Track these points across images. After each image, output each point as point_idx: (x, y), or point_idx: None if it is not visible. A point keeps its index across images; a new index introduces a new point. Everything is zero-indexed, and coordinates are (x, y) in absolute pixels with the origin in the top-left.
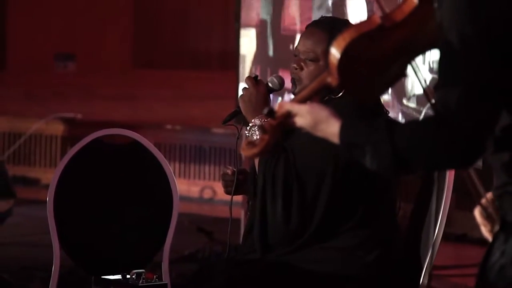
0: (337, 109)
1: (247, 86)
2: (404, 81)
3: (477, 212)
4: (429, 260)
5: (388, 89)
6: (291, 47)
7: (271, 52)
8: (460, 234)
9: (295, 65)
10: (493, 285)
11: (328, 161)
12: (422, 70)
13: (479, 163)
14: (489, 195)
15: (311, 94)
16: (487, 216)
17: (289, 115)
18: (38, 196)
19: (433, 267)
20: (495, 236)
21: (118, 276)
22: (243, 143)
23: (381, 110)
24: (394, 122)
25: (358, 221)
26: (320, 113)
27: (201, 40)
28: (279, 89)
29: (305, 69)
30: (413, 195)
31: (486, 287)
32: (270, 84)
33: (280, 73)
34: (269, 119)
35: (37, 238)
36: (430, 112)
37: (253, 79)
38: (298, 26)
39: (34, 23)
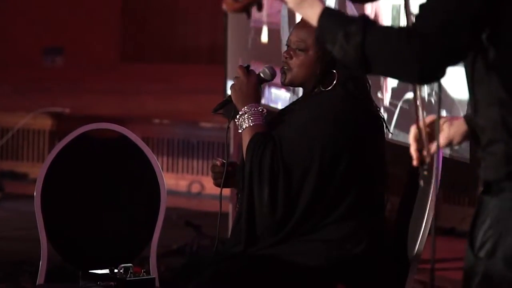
0: (328, 100)
1: (238, 76)
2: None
3: (411, 130)
4: (416, 253)
5: None
6: (258, 39)
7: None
8: (448, 228)
9: (285, 54)
10: (479, 251)
11: (315, 152)
12: None
13: (467, 156)
14: (428, 119)
15: None
16: (419, 139)
17: None
18: (26, 190)
19: (420, 261)
20: (480, 200)
21: (106, 271)
22: None
23: (370, 101)
24: (373, 22)
25: (344, 212)
26: None
27: (189, 34)
28: (271, 79)
29: (295, 58)
30: (401, 189)
31: (473, 253)
32: (261, 75)
33: (252, 64)
34: None
35: (25, 232)
36: (406, 107)
37: (244, 69)
38: (265, 19)
39: (22, 17)
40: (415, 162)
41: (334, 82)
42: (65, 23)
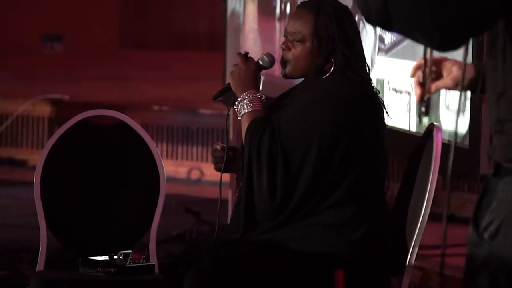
0: (327, 85)
1: (237, 63)
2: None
3: (415, 64)
4: (415, 239)
5: None
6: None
7: None
8: (448, 214)
9: (283, 46)
10: (483, 232)
11: (314, 135)
12: None
13: (466, 143)
14: (437, 57)
15: None
16: (422, 83)
17: None
18: (25, 177)
19: (420, 247)
20: (488, 181)
21: (105, 257)
22: None
23: (370, 87)
24: None
25: (343, 197)
26: None
27: (188, 20)
28: (270, 67)
29: (292, 50)
30: (400, 175)
31: (477, 234)
32: (260, 62)
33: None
34: None
35: (24, 219)
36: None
37: (243, 56)
38: None
39: (20, 4)
40: (416, 98)
41: (332, 70)
42: (64, 9)
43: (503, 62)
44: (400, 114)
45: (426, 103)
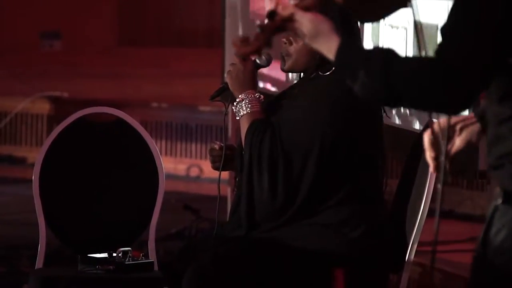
0: (327, 85)
1: (234, 62)
2: None
3: (426, 136)
4: (414, 236)
5: (388, 15)
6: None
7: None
8: (446, 210)
9: (284, 40)
10: (493, 258)
11: (315, 136)
12: None
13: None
14: (442, 121)
15: (315, 4)
16: (434, 143)
17: (290, 19)
18: (24, 175)
19: (419, 243)
20: (495, 208)
21: (104, 254)
22: (237, 40)
23: None
24: (393, 52)
25: (343, 197)
26: (322, 25)
27: (187, 17)
28: (267, 65)
29: (294, 44)
30: (400, 172)
31: (485, 259)
32: (257, 61)
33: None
34: (268, 21)
35: (24, 216)
36: None
37: None
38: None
39: (19, 1)
40: (432, 169)
41: (333, 67)
42: (63, 7)
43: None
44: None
45: (445, 170)
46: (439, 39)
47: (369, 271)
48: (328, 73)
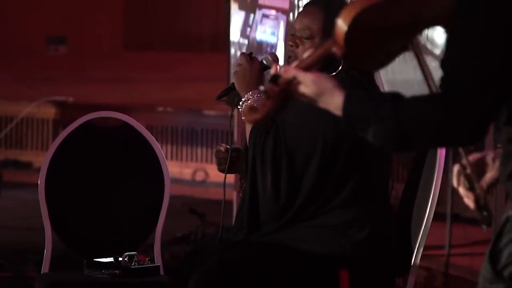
0: None
1: (241, 63)
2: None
3: (455, 170)
4: (420, 239)
5: (390, 61)
6: None
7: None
8: (452, 214)
9: (291, 43)
10: (502, 269)
11: (318, 136)
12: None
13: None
14: (471, 157)
15: (315, 62)
16: (470, 188)
17: (293, 82)
18: (30, 179)
19: (424, 247)
20: (506, 219)
21: (110, 259)
22: (245, 108)
23: (375, 87)
24: (399, 97)
25: (347, 198)
26: (325, 83)
27: (192, 22)
28: None
29: (301, 46)
30: (406, 175)
31: (494, 270)
32: (264, 62)
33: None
34: (272, 85)
35: (30, 221)
36: None
37: (247, 56)
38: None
39: (25, 6)
40: (472, 206)
41: (339, 68)
42: (68, 12)
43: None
44: None
45: (485, 206)
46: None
47: (374, 273)
48: (333, 74)
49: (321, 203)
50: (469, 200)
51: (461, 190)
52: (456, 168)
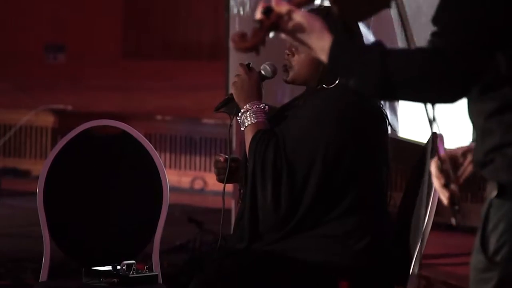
0: (331, 96)
1: (239, 73)
2: None
3: (433, 164)
4: (419, 249)
5: (372, 14)
6: None
7: None
8: (451, 223)
9: (287, 51)
10: (493, 255)
11: (319, 147)
12: None
13: None
14: (449, 151)
15: (308, 1)
16: (442, 170)
17: (284, 17)
18: (28, 187)
19: (423, 256)
20: (490, 204)
21: (109, 267)
22: (235, 35)
23: (374, 99)
24: (387, 48)
25: (347, 209)
26: (315, 23)
27: (191, 30)
28: (272, 76)
29: (296, 56)
30: (403, 185)
31: (487, 258)
32: (262, 72)
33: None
34: (264, 17)
35: (28, 229)
36: None
37: (245, 66)
38: None
39: (23, 14)
40: (445, 201)
41: (337, 80)
42: (67, 19)
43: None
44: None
45: (457, 201)
46: (430, 28)
47: (373, 283)
48: (333, 86)
49: (321, 214)
50: (443, 196)
51: (436, 185)
52: (434, 163)
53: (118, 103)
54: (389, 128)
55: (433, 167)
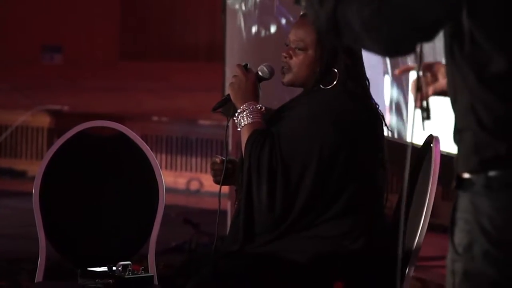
0: (327, 97)
1: (236, 74)
2: None
3: (411, 89)
4: (414, 250)
5: None
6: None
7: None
8: (447, 225)
9: (284, 54)
10: (459, 242)
11: (314, 148)
12: None
13: None
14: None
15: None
16: (418, 88)
17: None
18: (24, 188)
19: (419, 258)
20: (456, 194)
21: (104, 268)
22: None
23: (370, 98)
24: None
25: (342, 209)
26: None
27: (187, 31)
28: (269, 77)
29: (294, 58)
30: (399, 186)
31: (454, 244)
32: (260, 73)
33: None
34: None
35: (24, 230)
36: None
37: (243, 67)
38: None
39: (20, 14)
40: (416, 105)
41: (335, 82)
42: (64, 20)
43: (452, 71)
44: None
45: (426, 107)
46: None
47: (369, 284)
48: (330, 86)
49: (316, 215)
50: (414, 97)
51: (411, 91)
52: (412, 81)
53: (115, 104)
54: (385, 129)
55: (411, 86)
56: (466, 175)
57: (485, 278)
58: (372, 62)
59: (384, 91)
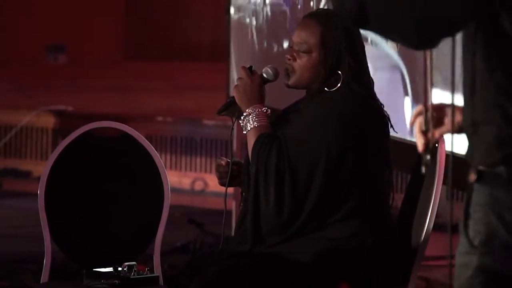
0: (333, 99)
1: (241, 77)
2: None
3: (418, 109)
4: (420, 250)
5: None
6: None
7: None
8: (453, 224)
9: (288, 56)
10: (475, 235)
11: (321, 150)
12: None
13: None
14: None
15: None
16: (425, 130)
17: None
18: (29, 188)
19: (425, 258)
20: (471, 187)
21: (110, 269)
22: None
23: (375, 99)
24: None
25: (350, 211)
26: None
27: (192, 31)
28: (274, 80)
29: (298, 60)
30: (405, 186)
31: (469, 242)
32: (265, 75)
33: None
34: None
35: (29, 230)
36: None
37: (247, 69)
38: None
39: (24, 15)
40: (420, 148)
41: (339, 84)
42: (68, 20)
43: (473, 64)
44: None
45: (431, 152)
46: None
47: (374, 285)
48: (335, 88)
49: (324, 217)
50: (419, 142)
51: (416, 130)
52: (418, 107)
53: (119, 104)
54: (390, 129)
55: (414, 112)
56: (488, 169)
57: (501, 272)
58: (392, 84)
59: (405, 114)
